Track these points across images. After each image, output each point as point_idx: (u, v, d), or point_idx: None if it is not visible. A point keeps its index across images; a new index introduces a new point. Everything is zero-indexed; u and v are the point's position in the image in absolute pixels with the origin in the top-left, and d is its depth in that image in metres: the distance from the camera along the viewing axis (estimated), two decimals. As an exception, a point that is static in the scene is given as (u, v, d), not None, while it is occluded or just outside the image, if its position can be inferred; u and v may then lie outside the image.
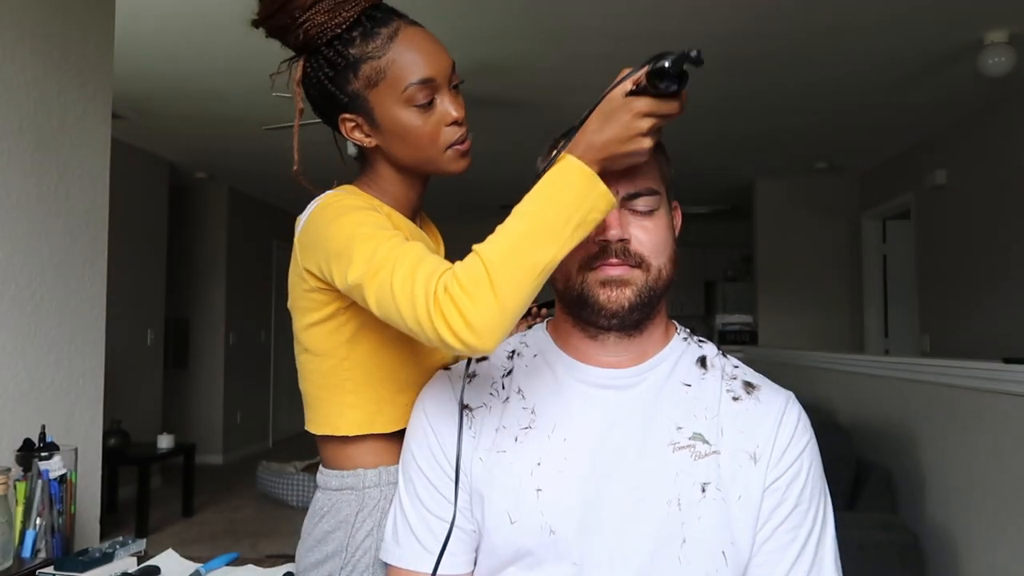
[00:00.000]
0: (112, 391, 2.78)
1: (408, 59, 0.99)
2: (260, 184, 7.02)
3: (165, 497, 5.50)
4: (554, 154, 0.86)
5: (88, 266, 2.12)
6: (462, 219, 7.42)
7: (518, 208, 0.82)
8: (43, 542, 1.55)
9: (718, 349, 0.99)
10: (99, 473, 2.16)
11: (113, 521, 4.72)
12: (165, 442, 4.88)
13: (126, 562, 1.53)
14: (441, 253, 1.15)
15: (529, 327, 1.05)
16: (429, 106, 1.00)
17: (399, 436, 1.02)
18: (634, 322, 0.91)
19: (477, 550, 0.93)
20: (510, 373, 0.96)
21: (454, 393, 0.96)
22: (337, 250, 0.91)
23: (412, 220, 1.10)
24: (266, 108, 4.49)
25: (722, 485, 0.86)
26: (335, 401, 1.03)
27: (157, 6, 3.30)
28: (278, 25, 1.01)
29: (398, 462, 1.00)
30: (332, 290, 0.98)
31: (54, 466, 1.59)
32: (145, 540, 1.65)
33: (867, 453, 3.24)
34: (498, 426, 0.92)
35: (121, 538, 1.60)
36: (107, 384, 2.23)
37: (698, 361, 0.95)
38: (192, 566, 1.51)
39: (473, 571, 0.93)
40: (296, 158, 1.11)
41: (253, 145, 5.53)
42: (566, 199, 0.80)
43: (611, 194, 0.82)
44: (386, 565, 0.95)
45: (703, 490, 0.86)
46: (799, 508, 0.88)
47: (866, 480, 2.97)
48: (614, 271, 0.89)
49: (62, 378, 2.01)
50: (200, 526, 4.84)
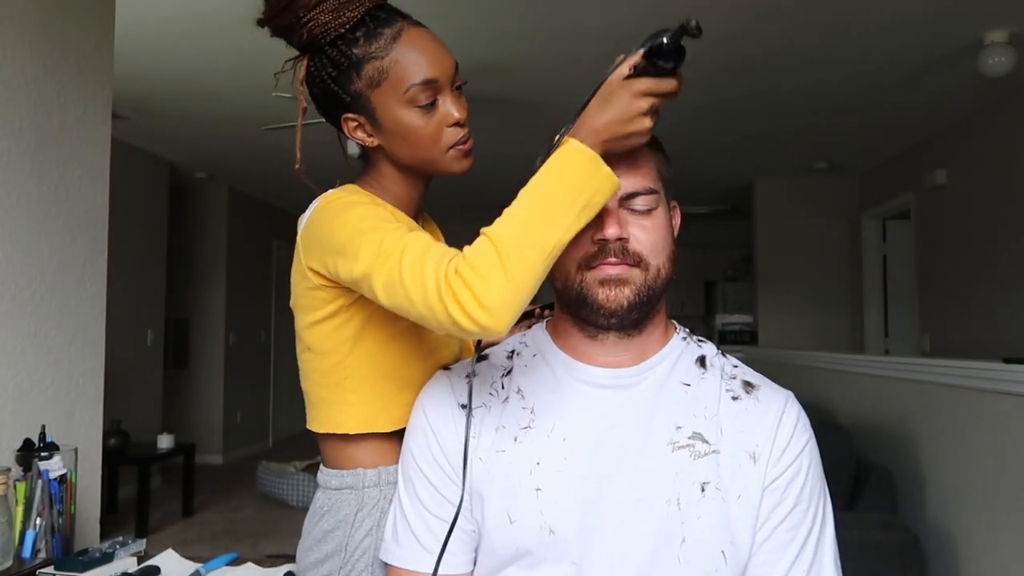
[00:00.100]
0: (112, 391, 2.78)
1: (411, 60, 0.99)
2: (260, 184, 7.02)
3: (165, 497, 5.50)
4: (556, 139, 0.86)
5: (88, 266, 2.12)
6: (463, 219, 7.42)
7: (524, 192, 0.83)
8: (43, 542, 1.55)
9: (717, 349, 0.99)
10: (99, 473, 2.16)
11: (113, 521, 4.72)
12: (165, 442, 4.88)
13: (126, 562, 1.53)
14: None
15: (529, 327, 1.05)
16: (431, 107, 1.00)
17: (399, 436, 1.02)
18: (633, 321, 0.91)
19: (477, 550, 0.93)
20: (510, 373, 0.96)
21: (454, 393, 0.96)
22: (342, 244, 0.92)
23: (414, 220, 1.10)
24: (266, 108, 4.49)
25: (721, 484, 0.87)
26: (337, 399, 1.03)
27: (157, 6, 3.30)
28: (283, 24, 1.02)
29: (397, 462, 1.00)
30: (335, 287, 0.98)
31: (54, 466, 1.59)
32: (145, 540, 1.65)
33: (867, 453, 3.24)
34: (498, 426, 0.92)
35: (121, 538, 1.60)
36: (107, 384, 2.23)
37: (697, 361, 0.95)
38: (192, 566, 1.51)
39: (473, 571, 0.93)
40: (299, 157, 1.12)
41: (253, 145, 5.53)
42: (571, 182, 0.81)
43: (615, 176, 0.82)
44: (386, 565, 0.96)
45: (702, 490, 0.86)
46: (798, 507, 0.88)
47: (866, 480, 2.97)
48: (613, 270, 0.89)
49: (62, 378, 2.01)
50: (200, 526, 4.84)
